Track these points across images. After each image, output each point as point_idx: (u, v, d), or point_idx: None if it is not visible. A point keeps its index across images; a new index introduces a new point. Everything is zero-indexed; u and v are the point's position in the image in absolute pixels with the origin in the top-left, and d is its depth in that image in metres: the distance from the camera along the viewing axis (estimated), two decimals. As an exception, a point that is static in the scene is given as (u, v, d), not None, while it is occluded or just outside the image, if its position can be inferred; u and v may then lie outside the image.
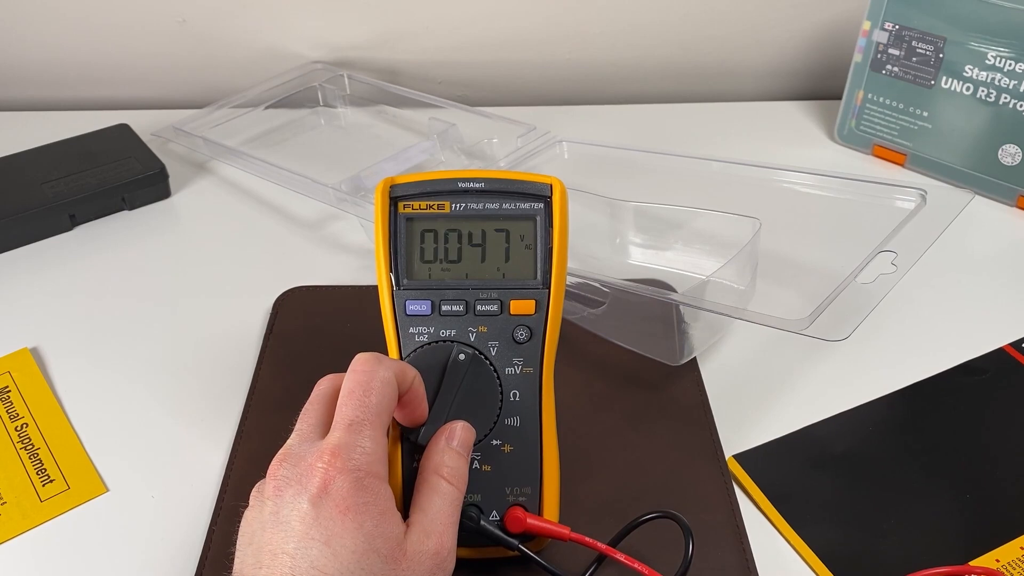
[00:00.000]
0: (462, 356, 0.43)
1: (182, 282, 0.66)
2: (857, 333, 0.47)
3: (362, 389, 0.37)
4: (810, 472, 0.50)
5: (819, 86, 0.91)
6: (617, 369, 0.56)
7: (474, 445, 0.42)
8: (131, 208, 0.73)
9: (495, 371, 0.43)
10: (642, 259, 0.66)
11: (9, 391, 0.56)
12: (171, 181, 0.74)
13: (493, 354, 0.43)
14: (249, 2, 0.85)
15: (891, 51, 0.75)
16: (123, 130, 0.79)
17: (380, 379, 0.38)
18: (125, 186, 0.72)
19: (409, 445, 0.42)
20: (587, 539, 0.42)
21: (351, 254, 0.68)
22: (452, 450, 0.40)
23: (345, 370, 0.39)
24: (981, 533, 0.46)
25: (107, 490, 0.50)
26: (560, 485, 0.44)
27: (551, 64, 0.90)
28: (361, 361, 0.39)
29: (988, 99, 0.71)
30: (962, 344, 0.59)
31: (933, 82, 0.74)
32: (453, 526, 0.39)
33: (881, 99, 0.77)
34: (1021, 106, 0.70)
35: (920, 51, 0.73)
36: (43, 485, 0.50)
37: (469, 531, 0.42)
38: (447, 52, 0.89)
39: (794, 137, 0.83)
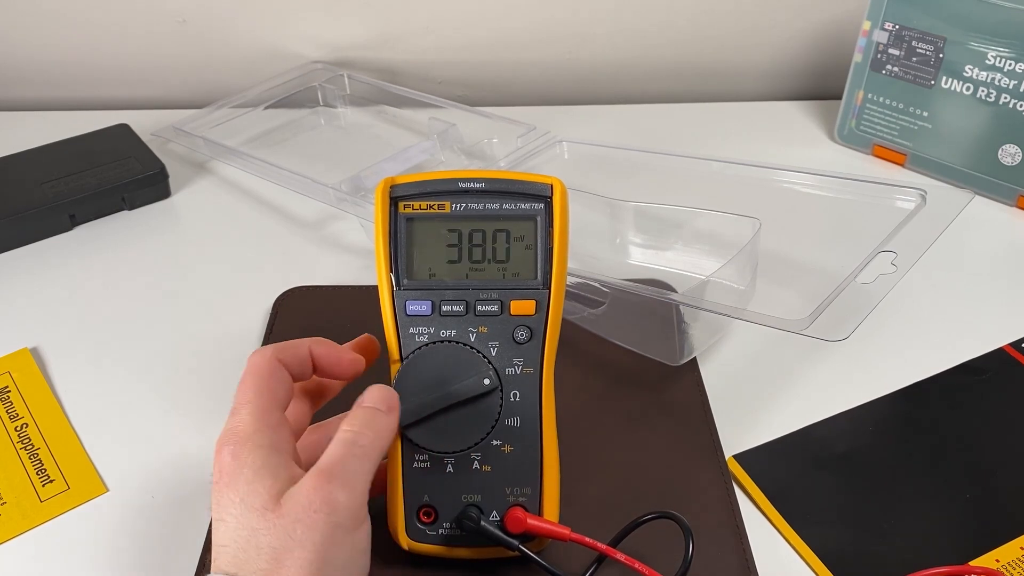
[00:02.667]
0: (487, 381, 0.42)
1: (182, 282, 0.66)
2: (857, 333, 0.47)
3: (244, 377, 0.41)
4: (810, 472, 0.50)
5: (819, 86, 0.91)
6: (617, 369, 0.56)
7: (474, 445, 0.42)
8: (131, 208, 0.73)
9: (498, 376, 0.43)
10: (642, 259, 0.66)
11: (9, 391, 0.56)
12: (171, 181, 0.74)
13: (493, 354, 0.43)
14: (249, 2, 0.85)
15: (891, 51, 0.75)
16: (123, 130, 0.79)
17: (255, 364, 0.41)
18: (125, 186, 0.72)
19: (408, 444, 0.43)
20: (587, 539, 0.42)
21: (351, 254, 0.68)
22: (359, 408, 0.40)
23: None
24: (981, 533, 0.46)
25: (107, 490, 0.50)
26: (560, 485, 0.44)
27: (551, 64, 0.90)
28: (250, 356, 0.42)
29: (988, 99, 0.71)
30: (962, 344, 0.59)
31: (933, 82, 0.74)
32: (345, 466, 0.37)
33: (881, 99, 0.77)
34: (1021, 106, 0.70)
35: (920, 51, 0.73)
36: (43, 485, 0.50)
37: (469, 531, 0.43)
38: (447, 52, 0.89)
39: (794, 137, 0.83)
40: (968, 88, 0.72)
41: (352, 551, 0.37)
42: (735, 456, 0.51)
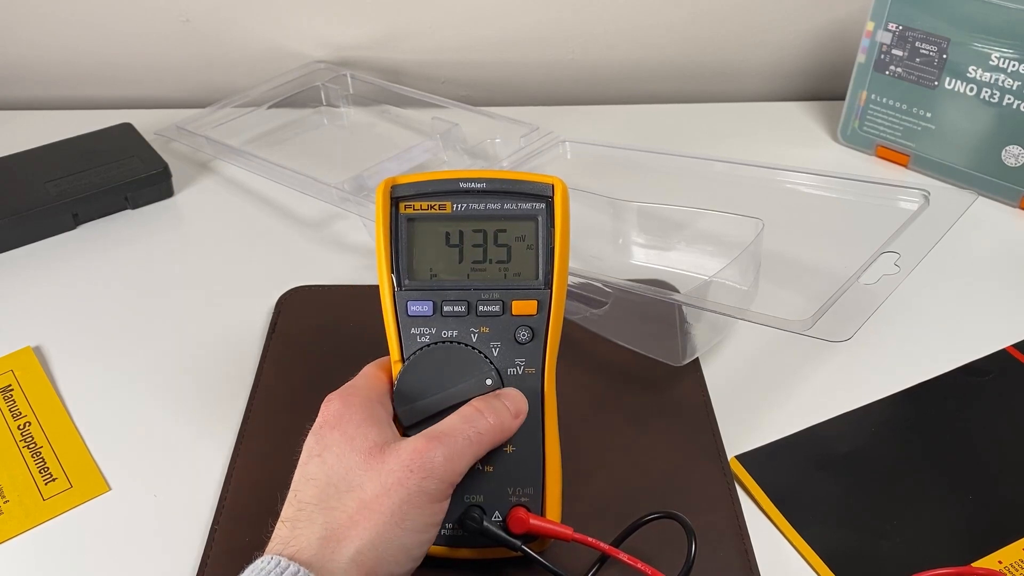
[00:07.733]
0: (489, 381, 0.43)
1: (185, 281, 0.66)
2: (860, 334, 0.47)
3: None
4: (812, 473, 0.50)
5: (822, 87, 0.91)
6: (619, 369, 0.56)
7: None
8: (134, 207, 0.73)
9: (500, 376, 0.43)
10: (645, 259, 0.66)
11: (12, 390, 0.56)
12: (174, 180, 0.74)
13: (495, 355, 0.43)
14: (253, 1, 0.85)
15: (895, 52, 0.75)
16: (126, 129, 0.79)
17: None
18: (128, 185, 0.72)
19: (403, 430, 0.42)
20: (590, 539, 0.42)
21: (354, 253, 0.68)
22: (495, 396, 0.42)
23: (347, 370, 0.42)
24: (983, 534, 0.46)
25: (109, 489, 0.50)
26: (562, 485, 0.44)
27: (554, 64, 0.90)
28: None
29: (992, 100, 0.71)
30: (965, 345, 0.58)
31: (937, 83, 0.73)
32: (456, 441, 0.39)
33: (884, 100, 0.77)
34: (1025, 107, 0.70)
35: (924, 52, 0.73)
36: (45, 484, 0.50)
37: (472, 532, 0.42)
38: (450, 52, 0.89)
39: (797, 137, 0.83)
40: (972, 89, 0.72)
41: (425, 519, 0.39)
42: (737, 457, 0.51)
